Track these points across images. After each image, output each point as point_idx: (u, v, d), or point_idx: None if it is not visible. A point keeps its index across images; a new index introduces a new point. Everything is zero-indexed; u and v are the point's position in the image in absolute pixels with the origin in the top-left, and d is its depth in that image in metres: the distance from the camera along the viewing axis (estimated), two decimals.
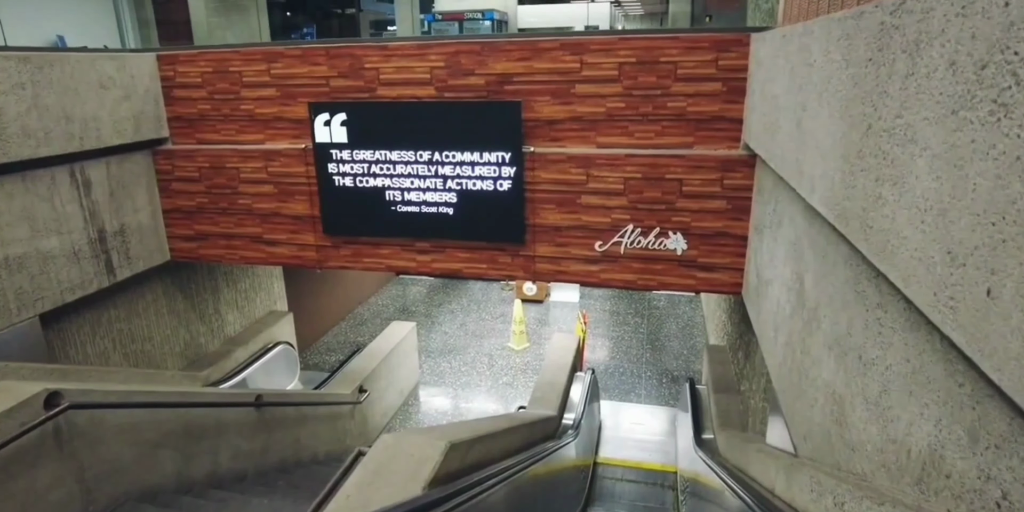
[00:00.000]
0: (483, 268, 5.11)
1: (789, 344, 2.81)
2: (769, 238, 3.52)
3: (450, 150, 4.78)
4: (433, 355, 9.35)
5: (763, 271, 3.65)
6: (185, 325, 6.82)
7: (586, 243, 4.78)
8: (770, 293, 3.37)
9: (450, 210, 4.94)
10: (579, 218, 4.73)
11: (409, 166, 4.92)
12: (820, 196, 2.12)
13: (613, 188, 4.59)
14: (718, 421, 5.25)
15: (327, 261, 5.55)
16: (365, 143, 4.98)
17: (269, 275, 8.43)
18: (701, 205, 4.45)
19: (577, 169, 4.63)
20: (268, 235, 5.68)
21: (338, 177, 5.15)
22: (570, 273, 4.91)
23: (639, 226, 4.61)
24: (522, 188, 4.74)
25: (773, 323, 3.21)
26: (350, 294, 11.47)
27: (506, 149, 4.65)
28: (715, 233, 4.48)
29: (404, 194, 5.01)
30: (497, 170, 4.72)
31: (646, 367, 8.89)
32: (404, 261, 5.30)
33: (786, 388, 2.83)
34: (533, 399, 5.69)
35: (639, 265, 4.71)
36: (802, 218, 2.71)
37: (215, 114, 5.55)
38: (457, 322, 10.70)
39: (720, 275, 4.56)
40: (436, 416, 7.58)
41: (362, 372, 6.61)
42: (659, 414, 7.59)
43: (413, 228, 5.10)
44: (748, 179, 4.30)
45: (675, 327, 10.37)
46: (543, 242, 4.88)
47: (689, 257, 4.59)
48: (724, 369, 6.20)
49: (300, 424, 5.16)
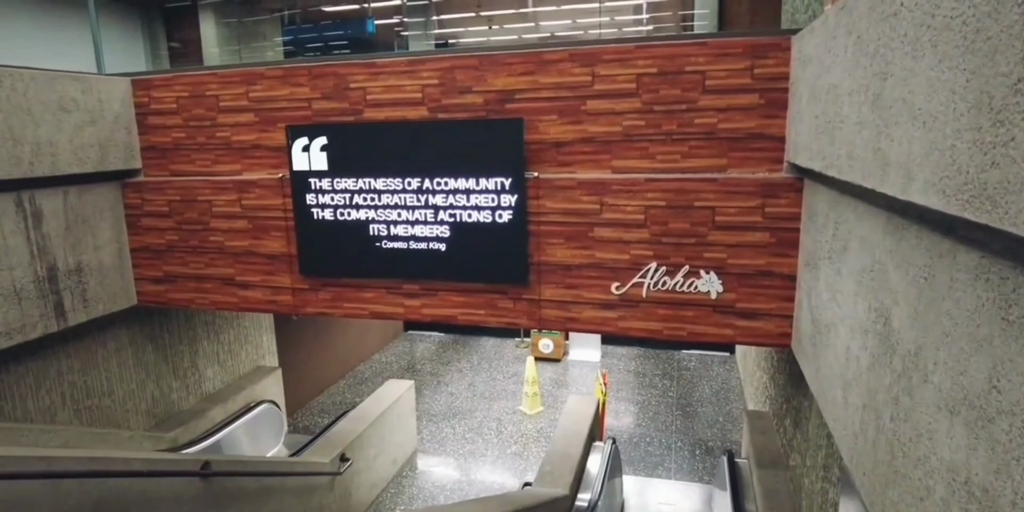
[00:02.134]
0: (481, 314, 4.45)
1: (871, 407, 2.09)
2: (829, 272, 2.83)
3: (442, 176, 4.22)
4: (436, 419, 8.55)
5: (821, 315, 2.94)
6: (155, 379, 6.20)
7: (601, 285, 4.12)
8: (834, 341, 2.65)
9: (442, 246, 4.33)
10: (592, 255, 4.09)
11: (396, 195, 4.37)
12: (927, 182, 1.46)
13: (632, 219, 3.97)
14: (764, 503, 4.39)
15: (304, 306, 4.95)
16: (347, 170, 4.46)
17: (258, 326, 7.85)
18: (738, 238, 3.78)
19: (589, 197, 4.02)
20: (241, 277, 5.12)
21: (317, 209, 4.61)
22: (582, 320, 4.22)
23: (664, 264, 3.95)
24: (525, 219, 4.14)
25: (841, 380, 2.48)
26: (351, 350, 10.81)
27: (506, 174, 4.08)
28: (756, 272, 3.79)
29: (390, 228, 4.44)
30: (496, 199, 4.13)
31: (676, 436, 7.98)
32: (390, 306, 4.67)
33: (869, 468, 2.08)
34: (541, 474, 4.88)
35: (665, 311, 4.01)
36: (883, 234, 2.04)
37: (190, 143, 5.12)
38: (465, 382, 9.92)
39: (764, 323, 3.84)
40: (434, 491, 6.73)
41: (346, 437, 5.85)
42: (692, 493, 6.65)
43: (400, 267, 4.49)
44: (795, 206, 3.64)
45: (708, 391, 9.45)
46: (550, 284, 4.23)
47: (725, 302, 3.88)
48: (768, 440, 5.34)
49: (262, 498, 4.42)
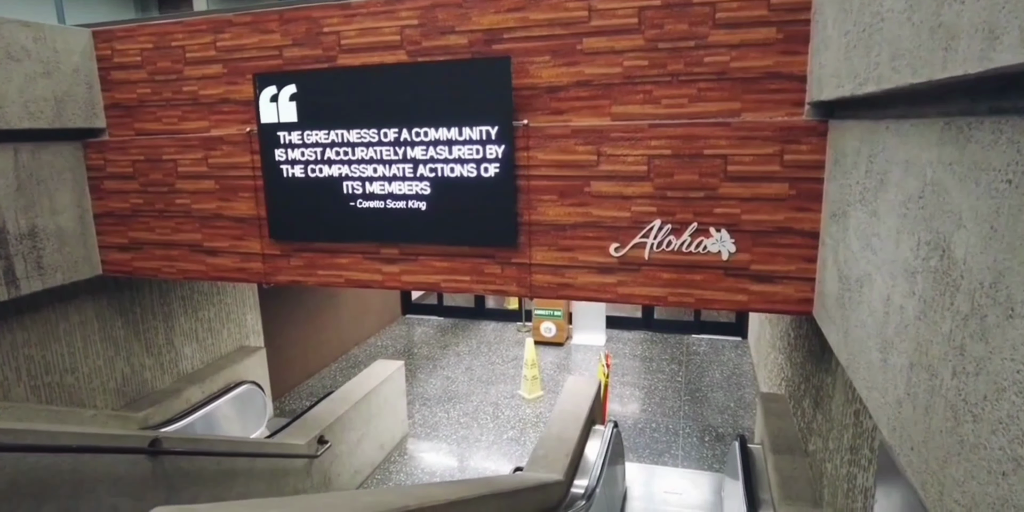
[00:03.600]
0: (466, 281, 4.06)
1: (922, 366, 1.69)
2: (861, 217, 2.42)
3: (421, 126, 3.82)
4: (430, 403, 8.21)
5: (851, 269, 2.54)
6: (125, 356, 5.87)
7: (598, 246, 3.72)
8: (868, 296, 2.25)
9: (422, 205, 3.94)
10: (588, 212, 3.69)
11: (371, 149, 3.98)
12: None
13: (633, 170, 3.56)
14: (780, 492, 4.00)
15: (275, 274, 4.58)
16: (318, 122, 4.07)
17: (241, 304, 7.51)
18: (754, 190, 3.37)
19: (585, 146, 3.61)
20: (208, 243, 4.76)
21: (286, 166, 4.23)
22: (577, 287, 3.83)
23: (669, 221, 3.54)
24: (513, 173, 3.74)
25: (879, 339, 2.08)
26: (345, 333, 10.47)
27: (492, 122, 3.68)
28: (774, 229, 3.38)
29: (365, 185, 4.05)
30: (481, 150, 3.73)
31: (684, 422, 7.59)
32: (367, 273, 4.29)
33: (920, 441, 1.68)
34: (534, 458, 4.51)
35: (670, 275, 3.61)
36: (938, 146, 1.65)
37: (156, 99, 4.74)
38: (463, 366, 9.56)
39: (782, 288, 3.43)
40: (423, 477, 6.38)
41: (326, 418, 5.51)
42: (701, 481, 6.27)
43: (377, 229, 4.11)
44: (818, 152, 3.22)
45: (719, 375, 9.05)
46: (542, 246, 3.83)
47: (738, 263, 3.48)
48: (784, 424, 4.95)
49: (226, 481, 4.07)
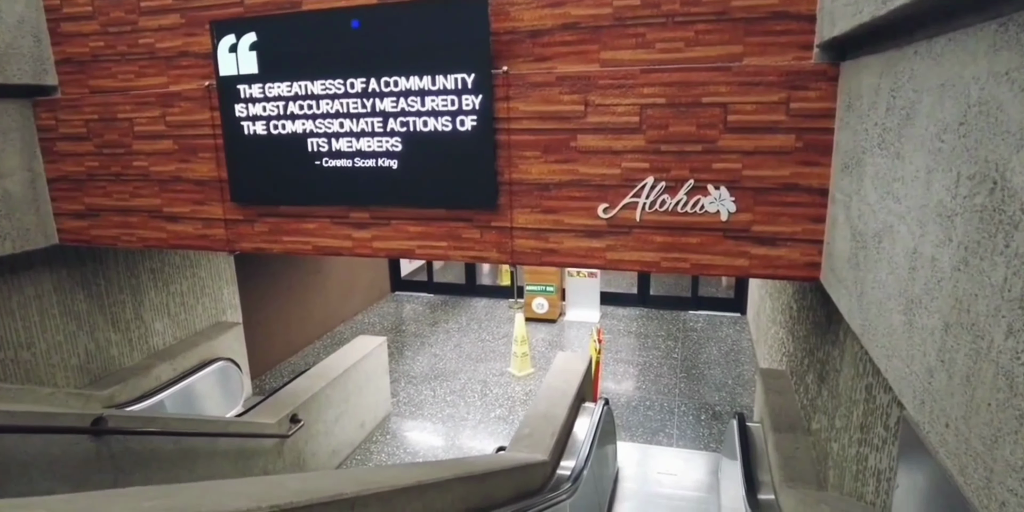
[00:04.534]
0: (442, 248, 3.77)
1: (961, 325, 1.41)
2: (881, 162, 2.13)
3: (391, 75, 3.50)
4: (415, 381, 7.97)
5: (867, 223, 2.25)
6: (88, 332, 5.59)
7: (585, 207, 3.42)
8: (889, 251, 1.97)
9: (394, 163, 3.63)
10: (575, 170, 3.38)
11: (337, 102, 3.65)
12: None
13: (624, 122, 3.24)
14: (781, 474, 3.76)
15: (239, 241, 4.28)
16: (280, 73, 3.74)
17: (217, 277, 7.22)
18: (757, 143, 3.06)
19: (571, 95, 3.30)
20: (168, 208, 4.45)
21: (247, 123, 3.91)
22: (562, 253, 3.54)
23: (663, 178, 3.24)
24: (491, 127, 3.42)
25: (904, 298, 1.80)
26: (330, 309, 10.20)
27: (468, 69, 3.35)
28: (778, 186, 3.08)
29: (332, 142, 3.74)
30: (456, 101, 3.41)
31: (680, 400, 7.37)
32: (336, 239, 3.99)
33: (958, 416, 1.41)
34: (518, 437, 4.26)
35: (664, 238, 3.32)
36: (989, 55, 1.34)
37: (110, 53, 4.39)
38: (452, 343, 9.32)
39: (787, 251, 3.14)
40: (405, 457, 6.16)
41: (300, 396, 5.25)
42: (697, 461, 6.06)
43: (345, 191, 3.81)
44: (827, 99, 2.91)
45: (716, 352, 8.82)
46: (524, 208, 3.53)
47: (739, 224, 3.19)
48: (785, 400, 4.70)
49: (185, 462, 3.82)
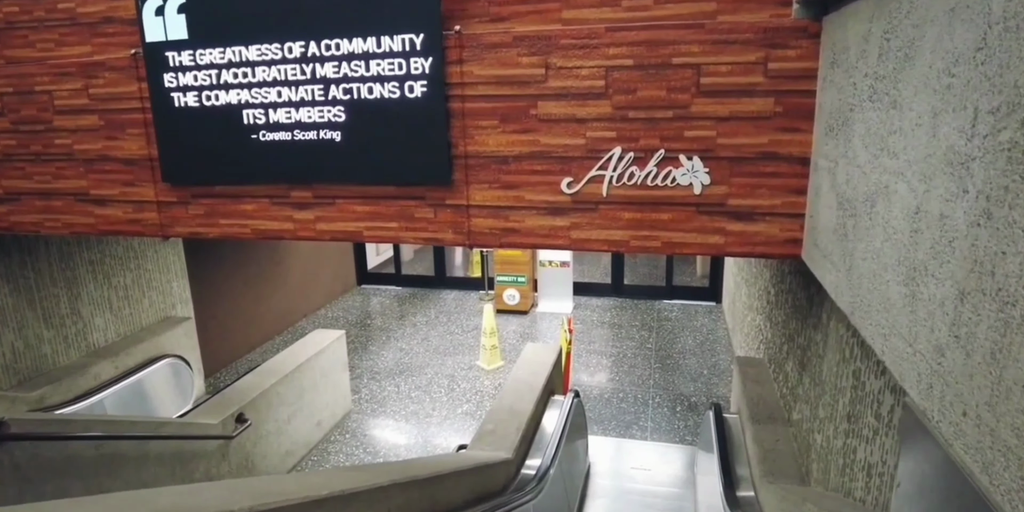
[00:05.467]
0: (392, 229, 3.48)
1: (987, 291, 1.17)
2: (873, 116, 1.90)
3: (332, 37, 3.19)
4: (379, 376, 7.67)
5: (856, 187, 2.02)
6: (15, 328, 5.20)
7: (548, 182, 3.15)
8: (884, 214, 1.74)
9: (336, 135, 3.33)
10: (535, 140, 3.11)
11: (274, 68, 3.34)
12: None
13: (588, 86, 2.98)
14: (760, 468, 3.55)
15: (173, 226, 3.94)
16: (212, 37, 3.41)
17: (165, 270, 6.83)
18: (732, 107, 2.82)
19: (530, 57, 3.02)
20: (96, 190, 4.09)
21: (177, 94, 3.57)
22: (524, 232, 3.27)
23: (631, 149, 2.99)
24: (443, 93, 3.13)
25: (904, 267, 1.57)
26: (291, 303, 9.83)
27: (416, 29, 3.06)
28: (756, 155, 2.84)
29: (269, 113, 3.42)
30: (404, 65, 3.12)
31: (654, 391, 7.18)
32: (276, 221, 3.68)
33: (980, 402, 1.17)
34: (480, 434, 4.00)
35: (633, 214, 3.07)
36: None
37: (26, 19, 4.00)
38: (419, 337, 9.02)
39: (765, 226, 2.91)
40: (364, 457, 5.87)
41: (248, 394, 4.93)
42: (672, 455, 5.86)
43: (285, 167, 3.49)
44: (809, 59, 2.68)
45: (691, 342, 8.65)
46: (481, 183, 3.26)
47: (713, 198, 2.95)
48: (764, 390, 4.51)
49: (107, 470, 3.49)
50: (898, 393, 1.98)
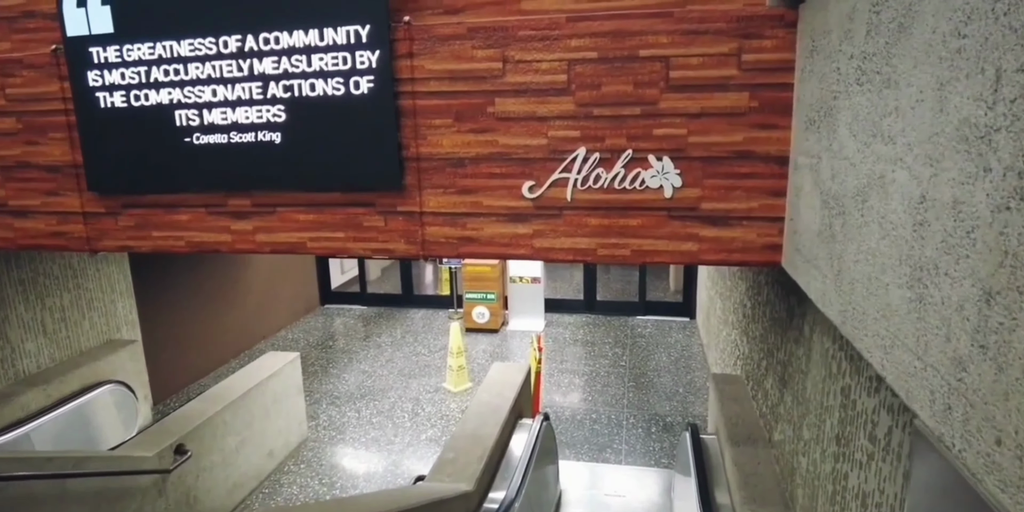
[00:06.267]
0: (339, 239, 3.21)
1: (1021, 290, 0.95)
2: (863, 101, 1.71)
3: (271, 30, 2.95)
4: (339, 401, 7.31)
5: (847, 179, 1.82)
6: None
7: (507, 186, 2.93)
8: (883, 206, 1.54)
9: (276, 136, 3.07)
10: (494, 140, 2.89)
11: (208, 64, 3.08)
12: None
13: (550, 82, 2.77)
14: (742, 494, 3.32)
15: (101, 239, 3.62)
16: (140, 31, 3.15)
17: (108, 289, 6.44)
18: (704, 103, 2.63)
19: (486, 50, 2.81)
20: (15, 201, 3.76)
21: (103, 94, 3.28)
22: (482, 241, 3.03)
23: (597, 149, 2.78)
24: (393, 89, 2.90)
25: (910, 266, 1.36)
26: (249, 324, 9.44)
27: (362, 19, 2.83)
28: (730, 154, 2.65)
29: (203, 114, 3.15)
30: (349, 59, 2.88)
31: (628, 412, 6.94)
32: (213, 233, 3.39)
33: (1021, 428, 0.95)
34: (440, 463, 3.71)
35: (599, 220, 2.85)
36: None
37: None
38: (383, 358, 8.69)
39: (741, 232, 2.71)
40: (320, 490, 5.51)
41: (190, 422, 4.57)
42: (647, 480, 5.61)
43: (222, 173, 3.22)
44: (785, 49, 2.51)
45: (666, 359, 8.45)
46: (436, 188, 3.02)
47: (686, 201, 2.74)
48: (742, 409, 4.29)
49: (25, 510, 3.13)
50: (899, 413, 1.77)
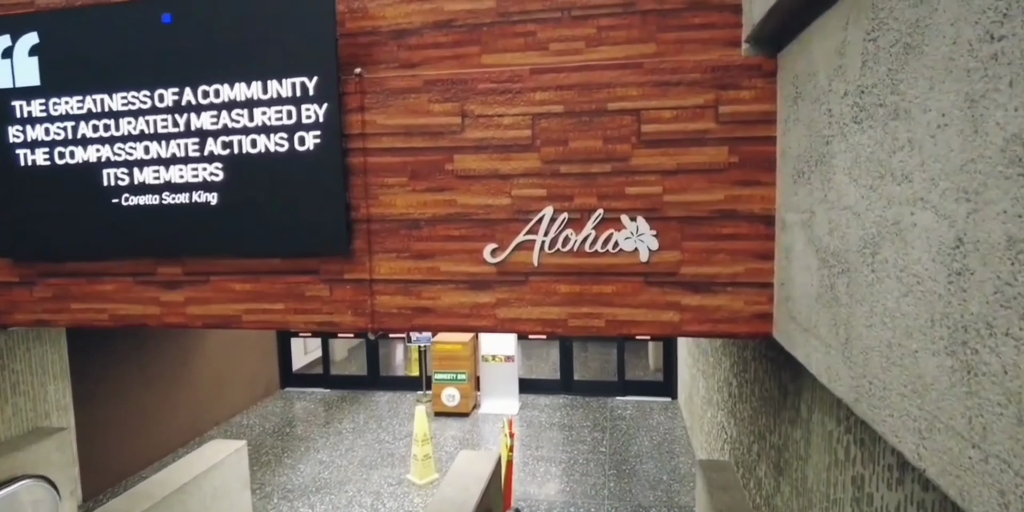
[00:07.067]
0: (279, 311, 2.90)
1: None
2: (865, 140, 1.52)
3: (212, 83, 2.75)
4: (292, 495, 6.69)
5: (850, 233, 1.60)
6: None
7: (468, 249, 2.67)
8: (899, 260, 1.31)
9: (212, 197, 2.81)
10: (452, 200, 2.66)
11: (142, 119, 2.86)
12: None
13: (513, 137, 2.58)
14: None
15: (12, 312, 3.26)
16: (69, 85, 2.94)
17: (40, 370, 5.94)
18: (680, 159, 2.44)
19: (443, 104, 2.62)
20: None
21: (23, 151, 3.03)
22: (440, 312, 2.74)
23: (565, 209, 2.56)
24: (341, 145, 2.69)
25: (946, 329, 1.10)
26: (202, 409, 8.83)
27: (309, 71, 2.65)
28: (711, 213, 2.44)
29: (134, 172, 2.90)
30: (294, 113, 2.68)
31: (610, 504, 6.42)
32: (140, 305, 3.05)
33: None
34: None
35: (570, 287, 2.59)
36: None
37: None
38: (344, 446, 8.10)
39: (727, 299, 2.46)
40: None
41: None
42: None
43: (152, 238, 2.93)
44: (765, 100, 2.35)
45: (648, 443, 7.98)
46: (388, 252, 2.75)
47: (664, 266, 2.50)
48: (733, 499, 3.90)
49: None
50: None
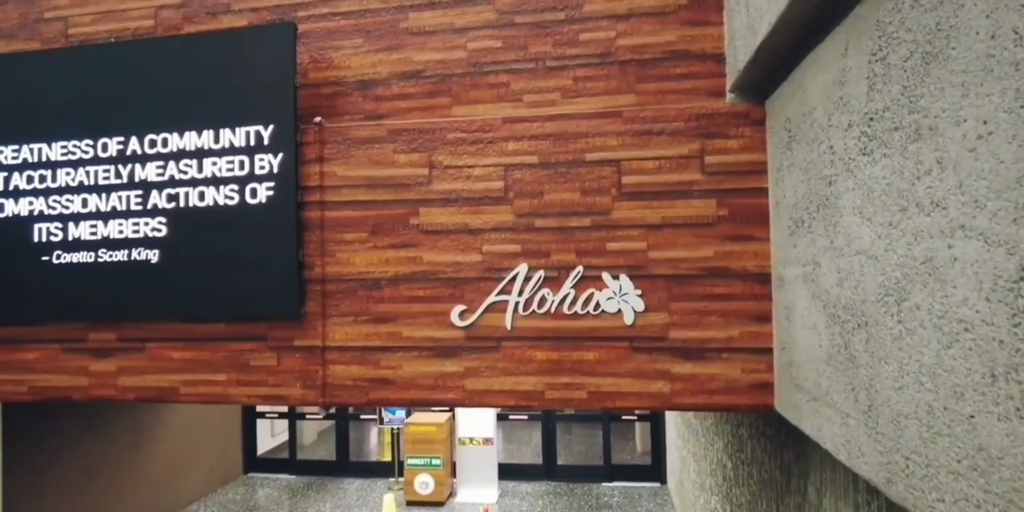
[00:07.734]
0: (220, 382, 2.59)
1: None
2: (874, 174, 1.34)
3: (160, 131, 2.58)
4: None
5: (867, 280, 1.40)
6: None
7: (434, 312, 2.43)
8: (936, 306, 1.08)
9: (153, 254, 2.57)
10: (417, 257, 2.44)
11: (81, 170, 2.66)
12: None
13: (483, 189, 2.40)
14: None
15: None
16: (7, 133, 2.74)
17: None
18: (664, 212, 2.26)
19: (409, 155, 2.45)
20: None
21: None
22: (400, 384, 2.45)
23: (541, 266, 2.34)
24: (296, 198, 2.49)
25: (1021, 387, 0.86)
26: (154, 497, 8.17)
27: (264, 120, 2.49)
28: (701, 271, 2.23)
29: (69, 228, 2.66)
30: (247, 163, 2.49)
31: None
32: (66, 375, 2.74)
33: None
34: None
35: (547, 353, 2.33)
36: None
37: None
38: None
39: (722, 367, 2.21)
40: None
41: None
42: None
43: (84, 300, 2.66)
44: (754, 149, 2.21)
45: None
46: (344, 316, 2.49)
47: (651, 329, 2.26)
48: None
49: None
50: None
